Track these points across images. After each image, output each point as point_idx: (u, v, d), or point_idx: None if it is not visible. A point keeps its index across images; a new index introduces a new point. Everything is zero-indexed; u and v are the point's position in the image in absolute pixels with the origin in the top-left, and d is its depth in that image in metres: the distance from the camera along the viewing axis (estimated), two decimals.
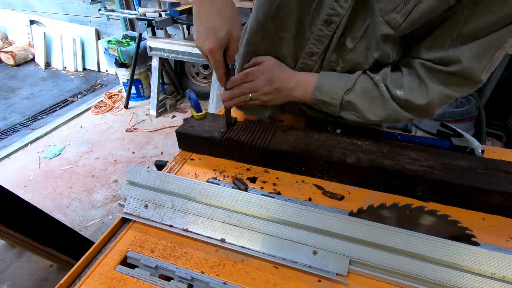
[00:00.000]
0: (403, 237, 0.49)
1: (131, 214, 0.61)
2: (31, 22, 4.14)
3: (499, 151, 0.81)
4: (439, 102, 0.64)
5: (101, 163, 2.53)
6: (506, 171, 0.65)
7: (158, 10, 2.73)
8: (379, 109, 0.68)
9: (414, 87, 0.64)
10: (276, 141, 0.74)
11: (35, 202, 1.95)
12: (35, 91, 3.63)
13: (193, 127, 0.80)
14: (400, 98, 0.65)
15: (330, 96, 0.70)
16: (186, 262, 0.53)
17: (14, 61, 4.10)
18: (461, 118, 1.92)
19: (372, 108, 0.68)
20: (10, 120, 3.11)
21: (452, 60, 0.58)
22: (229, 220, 0.57)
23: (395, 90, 0.65)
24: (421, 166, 0.65)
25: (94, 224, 2.00)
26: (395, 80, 0.66)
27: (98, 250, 0.57)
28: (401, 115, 0.67)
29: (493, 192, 0.60)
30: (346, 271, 0.50)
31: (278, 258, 0.52)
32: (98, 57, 3.97)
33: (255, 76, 0.72)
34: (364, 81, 0.68)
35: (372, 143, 0.73)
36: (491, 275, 0.46)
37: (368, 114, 0.69)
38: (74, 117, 3.12)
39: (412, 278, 0.49)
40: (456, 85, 0.62)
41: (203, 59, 2.48)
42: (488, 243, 0.56)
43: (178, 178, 0.61)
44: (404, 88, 0.64)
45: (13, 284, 1.61)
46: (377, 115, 0.68)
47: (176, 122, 3.04)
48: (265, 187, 0.69)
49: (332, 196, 0.67)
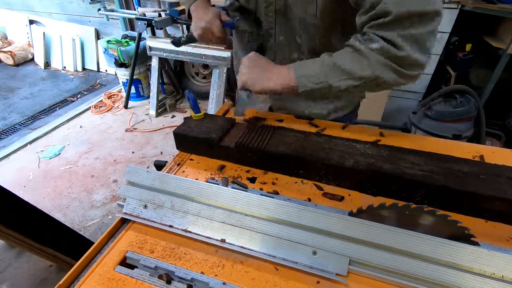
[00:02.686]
0: (403, 237, 0.49)
1: (130, 214, 0.61)
2: (31, 22, 4.13)
3: (498, 151, 0.80)
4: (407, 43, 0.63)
5: (101, 163, 2.53)
6: (508, 176, 0.63)
7: (157, 10, 2.73)
8: (365, 64, 0.68)
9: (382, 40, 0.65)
10: (274, 143, 0.73)
11: (35, 202, 1.95)
12: (35, 91, 3.63)
13: (190, 128, 0.80)
14: (376, 49, 0.66)
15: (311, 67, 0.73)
16: (185, 263, 0.53)
17: (14, 61, 4.10)
18: (461, 117, 1.92)
19: (358, 65, 0.69)
20: (9, 120, 3.11)
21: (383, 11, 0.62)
22: (228, 220, 0.57)
23: (371, 44, 0.66)
24: (421, 171, 0.64)
25: (94, 224, 2.00)
26: (364, 39, 0.68)
27: (97, 251, 0.57)
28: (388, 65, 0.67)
29: (495, 199, 0.59)
30: (345, 271, 0.50)
31: (278, 259, 0.52)
32: (97, 57, 3.96)
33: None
34: (343, 50, 0.72)
35: (371, 146, 0.72)
36: (491, 275, 0.46)
37: (357, 71, 0.69)
38: (73, 117, 3.12)
39: (412, 278, 0.48)
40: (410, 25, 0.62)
41: (203, 59, 2.48)
42: (488, 243, 0.56)
43: (178, 178, 0.61)
44: (376, 42, 0.66)
45: (12, 284, 1.61)
46: (366, 71, 0.68)
47: (175, 122, 3.04)
48: (264, 187, 0.69)
49: (332, 197, 0.66)
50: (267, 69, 0.78)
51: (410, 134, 0.88)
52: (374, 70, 0.67)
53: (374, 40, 0.66)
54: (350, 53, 0.70)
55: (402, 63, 0.66)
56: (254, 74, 0.78)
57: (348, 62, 0.69)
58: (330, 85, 0.71)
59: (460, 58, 2.28)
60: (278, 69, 0.77)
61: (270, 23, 0.85)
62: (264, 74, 0.77)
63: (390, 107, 2.58)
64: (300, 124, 0.89)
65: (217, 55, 2.60)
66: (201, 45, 2.55)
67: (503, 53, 1.95)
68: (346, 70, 0.69)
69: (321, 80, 0.71)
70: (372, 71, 0.68)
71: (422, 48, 0.65)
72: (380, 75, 0.67)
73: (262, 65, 0.79)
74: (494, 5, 1.93)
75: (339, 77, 0.70)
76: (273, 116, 0.93)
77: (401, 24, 0.63)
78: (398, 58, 0.65)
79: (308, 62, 0.75)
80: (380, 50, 0.66)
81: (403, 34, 0.63)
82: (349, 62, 0.69)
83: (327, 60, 0.72)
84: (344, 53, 0.71)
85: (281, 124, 0.87)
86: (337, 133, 0.83)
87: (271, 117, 0.92)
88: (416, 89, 2.46)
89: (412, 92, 2.49)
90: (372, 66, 0.67)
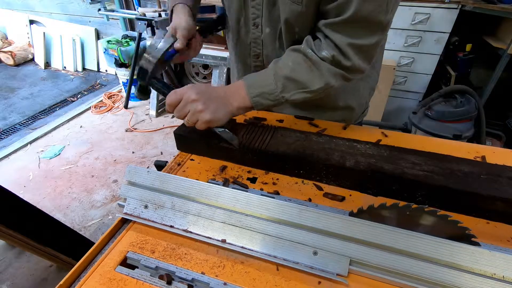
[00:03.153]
0: (403, 237, 0.49)
1: (131, 214, 0.61)
2: (31, 22, 4.13)
3: (499, 152, 0.80)
4: (354, 53, 0.66)
5: (101, 163, 2.53)
6: (509, 177, 0.63)
7: (157, 10, 2.73)
8: (317, 75, 0.70)
9: (331, 46, 0.67)
10: (275, 144, 0.73)
11: (35, 202, 1.95)
12: (35, 91, 3.63)
13: (191, 128, 0.80)
14: (327, 57, 0.68)
15: (264, 84, 0.71)
16: (186, 263, 0.53)
17: (14, 61, 4.10)
18: (461, 118, 1.92)
19: (311, 77, 0.70)
20: (9, 120, 3.11)
21: (344, 7, 0.62)
22: (229, 220, 0.57)
23: (320, 52, 0.68)
24: (421, 171, 0.64)
25: (94, 224, 2.00)
26: (317, 44, 0.70)
27: (98, 251, 0.57)
28: (338, 73, 0.70)
29: (495, 199, 0.59)
30: (346, 271, 0.50)
31: (279, 259, 0.52)
32: (97, 57, 3.96)
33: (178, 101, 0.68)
34: (294, 55, 0.71)
35: (372, 146, 0.72)
36: (491, 275, 0.46)
37: (311, 84, 0.70)
38: (73, 117, 3.12)
39: (413, 278, 0.48)
40: (361, 33, 0.65)
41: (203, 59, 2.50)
42: (489, 244, 0.56)
43: (178, 178, 0.61)
44: (325, 48, 0.68)
45: (13, 284, 1.61)
46: (319, 83, 0.70)
47: (176, 122, 3.04)
48: (265, 187, 0.69)
49: (333, 198, 0.66)
50: (222, 93, 0.71)
51: (411, 134, 0.88)
52: (327, 80, 0.70)
53: (325, 47, 0.68)
54: (303, 62, 0.70)
55: (348, 70, 0.70)
56: (212, 106, 0.67)
57: (302, 73, 0.70)
58: (286, 100, 0.72)
59: (460, 58, 2.28)
60: (230, 90, 0.72)
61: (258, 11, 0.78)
62: (221, 101, 0.70)
63: (390, 107, 2.58)
64: (300, 124, 0.89)
65: (217, 55, 2.60)
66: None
67: (503, 53, 1.95)
68: (300, 82, 0.70)
69: (276, 97, 0.71)
70: (325, 81, 0.70)
71: (367, 58, 0.69)
72: (331, 83, 0.70)
73: (213, 91, 0.70)
74: (494, 5, 1.93)
75: (294, 90, 0.71)
76: (273, 116, 0.93)
77: (353, 29, 0.65)
78: (346, 67, 0.69)
79: (260, 77, 0.72)
80: (330, 59, 0.68)
81: (352, 43, 0.66)
82: (303, 73, 0.70)
83: (280, 72, 0.70)
84: (296, 62, 0.70)
85: (281, 124, 0.87)
86: (337, 133, 0.83)
87: (271, 117, 0.92)
88: (416, 89, 2.46)
89: (412, 92, 2.49)
90: (324, 77, 0.70)
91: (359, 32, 0.65)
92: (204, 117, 0.67)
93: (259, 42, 0.84)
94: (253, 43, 0.86)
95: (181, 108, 0.67)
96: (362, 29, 0.64)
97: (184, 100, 0.67)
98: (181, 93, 0.67)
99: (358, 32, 0.65)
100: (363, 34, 0.65)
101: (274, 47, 0.83)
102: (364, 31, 0.65)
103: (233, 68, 1.05)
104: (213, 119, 0.68)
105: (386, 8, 0.62)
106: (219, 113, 0.68)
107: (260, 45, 0.85)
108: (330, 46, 0.67)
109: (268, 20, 0.78)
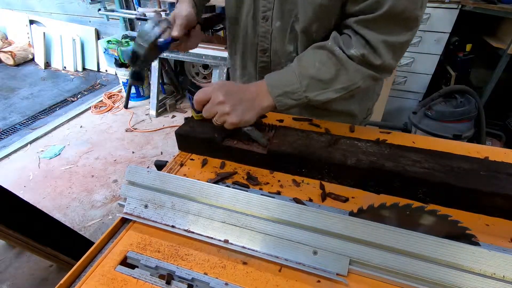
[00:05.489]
0: (403, 237, 0.49)
1: (131, 214, 0.61)
2: (31, 22, 4.13)
3: (500, 152, 0.80)
4: (386, 51, 0.64)
5: (101, 163, 2.53)
6: (508, 173, 0.64)
7: (157, 10, 2.73)
8: (344, 75, 0.68)
9: (362, 43, 0.65)
10: (276, 143, 0.73)
11: (35, 202, 1.95)
12: (35, 91, 3.63)
13: (192, 128, 0.80)
14: (356, 56, 0.66)
15: (288, 83, 0.69)
16: (186, 263, 0.53)
17: (14, 61, 4.10)
18: (461, 118, 1.92)
19: (337, 76, 0.68)
20: (9, 120, 3.11)
21: (378, 2, 0.60)
22: (229, 220, 0.57)
23: (349, 50, 0.66)
24: (422, 168, 0.65)
25: (94, 224, 2.00)
26: (345, 41, 0.67)
27: (98, 250, 0.57)
28: (366, 74, 0.68)
29: (495, 195, 0.60)
30: (346, 271, 0.50)
31: (280, 259, 0.52)
32: (98, 57, 3.96)
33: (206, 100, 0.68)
34: (319, 53, 0.69)
35: (372, 144, 0.73)
36: (491, 275, 0.46)
37: (337, 84, 0.68)
38: (73, 117, 3.12)
39: (412, 278, 0.49)
40: (396, 29, 0.63)
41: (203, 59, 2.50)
42: (489, 243, 0.56)
43: (178, 178, 0.61)
44: (355, 46, 0.66)
45: (13, 284, 1.61)
46: (345, 83, 0.68)
47: (176, 122, 3.04)
48: (266, 187, 0.69)
49: (336, 198, 0.66)
50: (247, 94, 0.69)
51: (412, 134, 0.88)
52: (354, 80, 0.68)
53: (355, 45, 0.65)
54: (328, 61, 0.68)
55: (378, 70, 0.68)
56: (240, 108, 0.67)
57: (327, 73, 0.68)
58: (309, 100, 0.70)
59: (460, 58, 2.28)
60: (256, 91, 0.70)
61: (269, 3, 0.76)
62: (248, 102, 0.69)
63: (390, 107, 2.58)
64: (300, 124, 0.89)
65: (217, 55, 2.60)
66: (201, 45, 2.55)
67: (503, 53, 1.95)
68: (325, 82, 0.68)
69: (300, 96, 0.69)
70: (352, 81, 0.68)
71: (397, 57, 0.68)
72: (358, 84, 0.68)
73: (239, 93, 0.69)
74: (494, 5, 1.93)
75: (318, 90, 0.69)
76: (273, 116, 0.93)
77: (387, 26, 0.63)
78: (376, 66, 0.67)
79: (282, 76, 0.71)
80: (359, 58, 0.66)
81: (386, 41, 0.64)
82: (328, 73, 0.68)
83: (303, 71, 0.68)
84: (322, 61, 0.68)
85: (282, 124, 0.87)
86: (337, 133, 0.83)
87: (272, 117, 0.92)
88: (416, 89, 2.47)
89: (412, 92, 2.49)
90: (351, 77, 0.67)
91: (394, 28, 0.63)
92: (231, 119, 0.67)
93: (268, 37, 0.81)
94: (261, 38, 0.83)
95: (209, 109, 0.68)
96: (397, 25, 0.62)
97: (212, 101, 0.67)
98: (209, 92, 0.67)
99: (393, 29, 0.63)
100: (398, 31, 0.63)
101: (284, 42, 0.80)
102: (399, 27, 0.63)
103: (235, 65, 1.02)
104: (240, 121, 0.68)
105: (421, 3, 0.60)
106: (246, 115, 0.69)
107: (269, 39, 0.82)
108: (361, 43, 0.65)
109: (279, 13, 0.75)
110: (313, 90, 0.69)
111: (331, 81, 0.68)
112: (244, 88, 0.71)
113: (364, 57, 0.65)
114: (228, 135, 0.78)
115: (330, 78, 0.68)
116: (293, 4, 0.72)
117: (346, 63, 0.67)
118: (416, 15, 0.61)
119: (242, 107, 0.68)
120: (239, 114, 0.67)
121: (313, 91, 0.69)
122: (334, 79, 0.68)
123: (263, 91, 0.70)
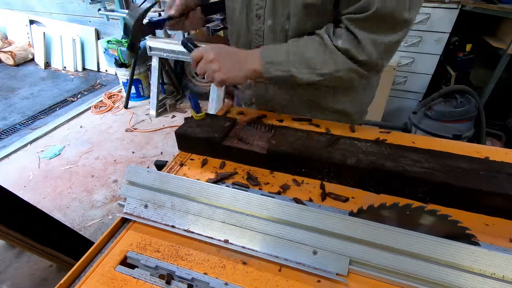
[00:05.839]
0: (403, 237, 0.49)
1: (131, 214, 0.61)
2: (31, 22, 4.13)
3: (500, 152, 0.80)
4: (374, 49, 0.68)
5: (101, 163, 2.53)
6: (508, 173, 0.64)
7: (157, 10, 2.73)
8: (328, 60, 0.72)
9: (350, 38, 0.69)
10: (276, 143, 0.73)
11: (35, 202, 1.95)
12: (35, 91, 3.63)
13: (192, 128, 0.80)
14: (342, 48, 0.70)
15: (277, 54, 0.74)
16: (186, 263, 0.53)
17: (14, 61, 4.10)
18: (461, 118, 1.92)
19: (322, 60, 0.72)
20: (9, 120, 3.11)
21: (368, 3, 0.63)
22: (229, 220, 0.57)
23: (337, 41, 0.70)
24: (422, 168, 0.65)
25: (94, 224, 2.00)
26: (336, 33, 0.71)
27: (98, 250, 0.57)
28: (348, 65, 0.71)
29: (495, 195, 0.60)
30: (346, 271, 0.50)
31: (280, 259, 0.52)
32: (98, 57, 3.96)
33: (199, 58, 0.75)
34: (311, 37, 0.74)
35: (372, 144, 0.73)
36: (491, 275, 0.46)
37: (320, 67, 0.72)
38: (73, 117, 3.12)
39: (412, 278, 0.49)
40: (382, 29, 0.66)
41: None
42: (489, 243, 0.56)
43: (178, 178, 0.61)
44: (343, 39, 0.70)
45: (13, 284, 1.61)
46: (328, 68, 0.72)
47: (176, 122, 3.04)
48: (266, 187, 0.69)
49: (336, 198, 0.66)
50: (237, 56, 0.76)
51: (412, 134, 0.88)
52: (337, 68, 0.72)
53: (343, 38, 0.69)
54: (318, 45, 0.72)
55: (363, 65, 0.71)
56: (227, 67, 0.74)
57: (314, 54, 0.72)
58: (292, 75, 0.74)
59: (460, 58, 2.28)
60: (247, 53, 0.77)
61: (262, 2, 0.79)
62: (236, 62, 0.75)
63: (390, 107, 2.58)
64: (300, 124, 0.89)
65: None
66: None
67: (503, 53, 1.95)
68: (310, 62, 0.73)
69: (285, 69, 0.74)
70: (335, 69, 0.72)
71: (385, 55, 0.71)
72: (339, 73, 0.73)
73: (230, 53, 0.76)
74: (494, 5, 1.93)
75: (302, 68, 0.74)
76: (273, 116, 0.93)
77: (376, 25, 0.66)
78: (361, 62, 0.70)
79: (275, 48, 0.76)
80: (346, 51, 0.70)
81: (375, 40, 0.67)
82: (315, 55, 0.72)
83: (294, 47, 0.74)
84: (312, 44, 0.73)
85: (282, 124, 0.87)
86: (337, 133, 0.83)
87: (272, 117, 0.92)
88: (416, 89, 2.46)
89: (412, 92, 2.49)
90: (334, 64, 0.72)
91: (382, 28, 0.66)
92: (219, 76, 0.73)
93: (261, 34, 0.84)
94: (255, 35, 0.86)
95: (202, 66, 0.74)
96: (385, 26, 0.66)
97: (204, 59, 0.74)
98: (203, 51, 0.74)
99: (381, 29, 0.66)
100: (386, 31, 0.67)
101: (275, 40, 0.83)
102: (387, 28, 0.66)
103: None
104: (227, 79, 0.74)
105: (409, 5, 0.63)
106: (233, 73, 0.74)
107: (261, 37, 0.85)
108: (350, 38, 0.69)
109: (271, 12, 0.78)
110: (299, 67, 0.74)
111: (316, 63, 0.73)
112: (236, 51, 0.78)
113: (348, 52, 0.70)
114: (228, 135, 0.78)
115: (315, 60, 0.73)
116: (284, 4, 0.75)
117: (333, 51, 0.71)
118: (403, 16, 0.64)
119: (230, 66, 0.74)
120: (226, 72, 0.73)
121: (298, 68, 0.74)
122: (318, 62, 0.73)
123: (254, 56, 0.76)
